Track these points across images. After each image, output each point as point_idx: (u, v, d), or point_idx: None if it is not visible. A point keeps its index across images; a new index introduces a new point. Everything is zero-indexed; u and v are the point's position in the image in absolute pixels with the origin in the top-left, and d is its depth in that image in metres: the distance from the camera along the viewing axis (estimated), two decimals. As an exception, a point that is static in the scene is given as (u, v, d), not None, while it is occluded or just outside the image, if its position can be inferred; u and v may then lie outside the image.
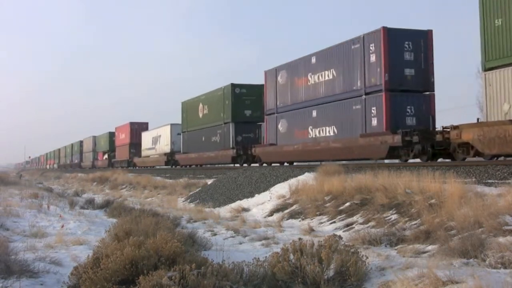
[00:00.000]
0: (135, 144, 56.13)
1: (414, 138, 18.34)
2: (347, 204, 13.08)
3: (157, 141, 48.55)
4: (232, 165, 31.85)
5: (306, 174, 17.84)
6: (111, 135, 66.67)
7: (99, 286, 6.23)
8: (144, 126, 57.86)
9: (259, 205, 16.69)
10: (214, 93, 35.47)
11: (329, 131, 22.94)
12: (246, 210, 16.75)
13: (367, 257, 6.93)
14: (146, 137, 52.49)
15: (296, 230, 12.17)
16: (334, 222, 12.48)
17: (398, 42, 19.77)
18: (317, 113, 23.76)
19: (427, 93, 20.30)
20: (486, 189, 10.60)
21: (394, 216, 11.05)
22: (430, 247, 8.32)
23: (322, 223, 12.72)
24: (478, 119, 17.17)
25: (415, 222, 10.08)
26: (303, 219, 13.57)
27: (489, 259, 6.79)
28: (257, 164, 29.37)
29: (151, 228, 8.87)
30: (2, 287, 6.61)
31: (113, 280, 6.28)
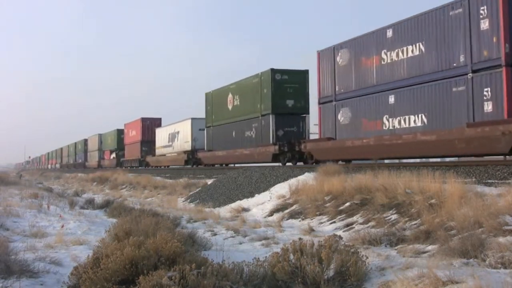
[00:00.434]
0: (147, 141, 52.21)
1: None
2: (347, 204, 13.08)
3: (174, 138, 44.00)
4: (272, 164, 27.16)
5: (306, 174, 17.84)
6: (119, 132, 62.16)
7: (99, 286, 6.24)
8: (157, 122, 53.26)
9: (259, 205, 16.69)
10: (248, 80, 30.74)
11: (414, 121, 18.45)
12: (246, 210, 16.75)
13: (367, 257, 6.93)
14: (161, 134, 47.73)
15: (296, 230, 12.17)
16: (334, 222, 12.48)
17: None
18: (396, 99, 19.19)
19: None
20: (486, 189, 10.60)
21: (394, 216, 11.05)
22: (430, 247, 8.32)
23: (322, 223, 12.72)
24: None
25: (415, 222, 10.08)
26: (303, 219, 13.57)
27: (489, 259, 6.79)
28: (300, 163, 25.82)
29: (151, 228, 8.87)
30: (2, 287, 6.61)
31: (113, 280, 6.28)
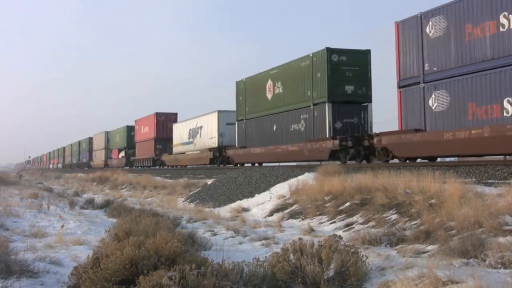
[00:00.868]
0: (162, 139, 48.28)
1: None
2: (347, 204, 13.08)
3: (196, 134, 39.24)
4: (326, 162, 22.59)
5: (306, 174, 17.85)
6: (129, 129, 57.90)
7: (99, 286, 6.24)
8: (173, 117, 49.32)
9: (259, 205, 16.69)
10: (295, 64, 26.10)
11: None
12: (246, 210, 16.75)
13: (367, 257, 6.93)
14: (180, 130, 43.27)
15: (296, 230, 12.17)
16: (334, 222, 12.48)
17: None
18: None
19: None
20: (486, 189, 10.60)
21: (394, 216, 11.05)
22: (430, 247, 8.33)
23: (322, 223, 12.73)
24: None
25: (415, 222, 10.08)
26: (303, 219, 13.57)
27: (489, 259, 6.79)
28: (369, 162, 21.67)
29: (151, 228, 8.87)
30: (2, 287, 6.61)
31: (113, 280, 6.28)
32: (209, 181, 24.95)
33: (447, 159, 22.47)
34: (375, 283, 6.54)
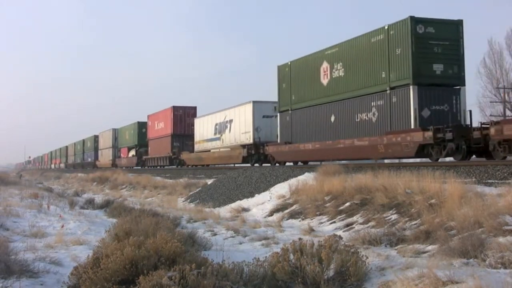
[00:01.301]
0: (180, 135, 43.36)
1: None
2: (347, 204, 13.08)
3: (225, 129, 34.34)
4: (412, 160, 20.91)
5: (306, 174, 17.85)
6: (141, 125, 52.79)
7: (99, 286, 6.24)
8: (192, 112, 44.43)
9: (259, 205, 16.70)
10: (363, 40, 21.20)
11: None
12: (246, 210, 16.76)
13: (367, 257, 6.93)
14: (204, 125, 38.14)
15: (296, 230, 12.17)
16: (334, 222, 12.48)
17: None
18: None
19: None
20: (486, 189, 10.61)
21: (394, 216, 11.05)
22: (430, 247, 8.33)
23: (322, 223, 12.73)
24: None
25: (415, 222, 10.09)
26: (303, 219, 13.57)
27: (489, 259, 6.79)
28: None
29: (151, 228, 8.87)
30: (2, 287, 6.61)
31: (113, 280, 6.28)
32: (209, 181, 24.95)
33: (447, 159, 22.38)
34: (375, 283, 6.54)
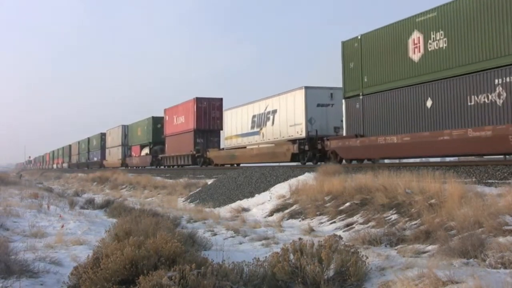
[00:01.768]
0: (203, 130, 38.61)
1: None
2: (347, 204, 13.09)
3: (266, 121, 29.35)
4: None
5: (306, 174, 17.85)
6: (156, 121, 48.21)
7: (99, 286, 6.24)
8: (218, 104, 39.31)
9: (259, 205, 16.70)
10: None
11: None
12: (246, 210, 16.76)
13: (367, 257, 6.93)
14: (237, 117, 33.35)
15: (296, 230, 12.17)
16: (334, 222, 12.48)
17: None
18: None
19: None
20: (486, 189, 10.61)
21: (394, 216, 11.05)
22: (430, 247, 8.33)
23: (322, 223, 12.73)
24: None
25: (415, 222, 10.09)
26: (303, 219, 13.58)
27: (489, 259, 6.79)
28: None
29: (151, 228, 8.87)
30: (2, 287, 6.61)
31: (113, 280, 6.28)
32: (209, 181, 24.95)
33: (447, 159, 22.35)
34: (375, 283, 6.54)
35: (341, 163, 21.92)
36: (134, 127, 54.73)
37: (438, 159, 21.71)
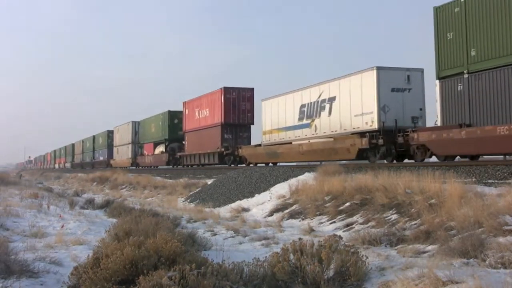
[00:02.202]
0: (232, 125, 33.82)
1: None
2: (347, 204, 13.09)
3: (320, 111, 24.23)
4: None
5: (306, 174, 17.85)
6: (172, 116, 43.49)
7: (99, 286, 6.24)
8: (249, 94, 34.24)
9: (259, 205, 16.70)
10: None
11: None
12: (246, 210, 16.76)
13: (367, 257, 6.94)
14: (280, 108, 28.04)
15: (296, 230, 12.18)
16: (334, 222, 12.48)
17: None
18: None
19: None
20: (486, 189, 10.61)
21: (394, 216, 11.06)
22: (430, 247, 8.33)
23: (322, 223, 12.73)
24: None
25: (415, 222, 10.09)
26: (303, 219, 13.58)
27: (489, 259, 6.79)
28: None
29: (151, 228, 8.88)
30: (2, 287, 6.61)
31: (113, 280, 6.28)
32: (209, 181, 24.96)
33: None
34: (375, 283, 6.54)
35: (429, 158, 18.80)
36: (146, 123, 49.92)
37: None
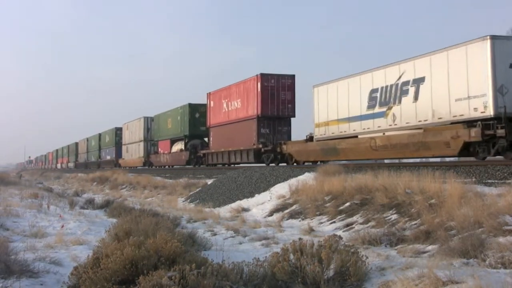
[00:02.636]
0: (270, 117, 29.07)
1: None
2: (347, 204, 13.09)
3: (401, 96, 19.16)
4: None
5: (306, 174, 17.85)
6: (193, 109, 38.43)
7: (99, 286, 6.24)
8: (289, 83, 29.49)
9: (259, 205, 16.70)
10: None
11: None
12: (246, 210, 16.76)
13: (367, 257, 6.93)
14: (342, 93, 22.70)
15: (296, 230, 12.17)
16: (334, 222, 12.48)
17: None
18: None
19: None
20: (486, 189, 10.61)
21: (394, 216, 11.05)
22: (430, 247, 8.33)
23: (322, 223, 12.73)
24: None
25: (415, 222, 10.09)
26: (303, 219, 13.58)
27: (489, 259, 6.79)
28: None
29: (151, 228, 8.87)
30: (2, 287, 6.61)
31: (113, 280, 6.28)
32: (209, 181, 24.96)
33: (447, 159, 22.34)
34: (375, 283, 6.54)
35: None
36: (161, 118, 44.73)
37: (438, 159, 21.63)
